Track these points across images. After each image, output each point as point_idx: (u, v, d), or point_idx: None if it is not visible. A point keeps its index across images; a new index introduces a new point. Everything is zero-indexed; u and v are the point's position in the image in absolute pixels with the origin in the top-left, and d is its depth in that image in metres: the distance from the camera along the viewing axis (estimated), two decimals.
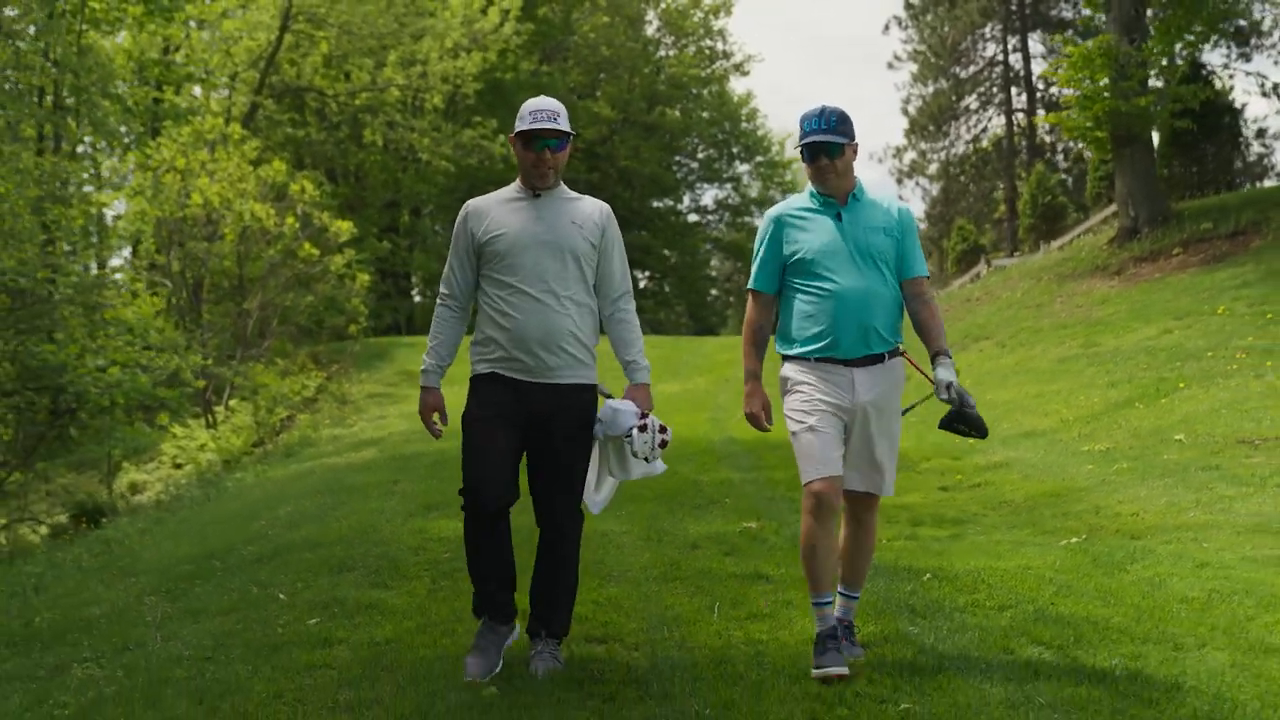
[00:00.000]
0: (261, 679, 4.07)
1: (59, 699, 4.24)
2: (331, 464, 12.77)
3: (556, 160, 4.10)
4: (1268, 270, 15.34)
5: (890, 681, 3.79)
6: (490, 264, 4.14)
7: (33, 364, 12.76)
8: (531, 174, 4.13)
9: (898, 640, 4.28)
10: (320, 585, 5.62)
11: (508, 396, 4.08)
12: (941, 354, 4.19)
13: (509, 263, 4.09)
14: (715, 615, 4.72)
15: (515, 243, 4.09)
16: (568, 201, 4.22)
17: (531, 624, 4.16)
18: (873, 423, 4.08)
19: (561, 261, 4.09)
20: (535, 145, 4.05)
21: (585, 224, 4.17)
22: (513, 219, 4.14)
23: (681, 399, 17.17)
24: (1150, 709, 3.51)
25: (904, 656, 4.08)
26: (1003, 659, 4.05)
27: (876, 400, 4.07)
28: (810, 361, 4.09)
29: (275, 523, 8.36)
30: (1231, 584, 4.95)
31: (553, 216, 4.15)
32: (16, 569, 8.61)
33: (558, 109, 4.12)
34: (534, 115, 4.08)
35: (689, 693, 3.70)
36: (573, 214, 4.18)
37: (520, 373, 4.07)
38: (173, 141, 18.75)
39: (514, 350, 4.05)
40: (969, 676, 3.82)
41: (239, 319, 19.11)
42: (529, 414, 4.07)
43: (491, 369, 4.11)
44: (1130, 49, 19.35)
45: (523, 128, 4.07)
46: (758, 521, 7.08)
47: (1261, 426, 8.63)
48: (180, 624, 5.31)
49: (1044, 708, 3.53)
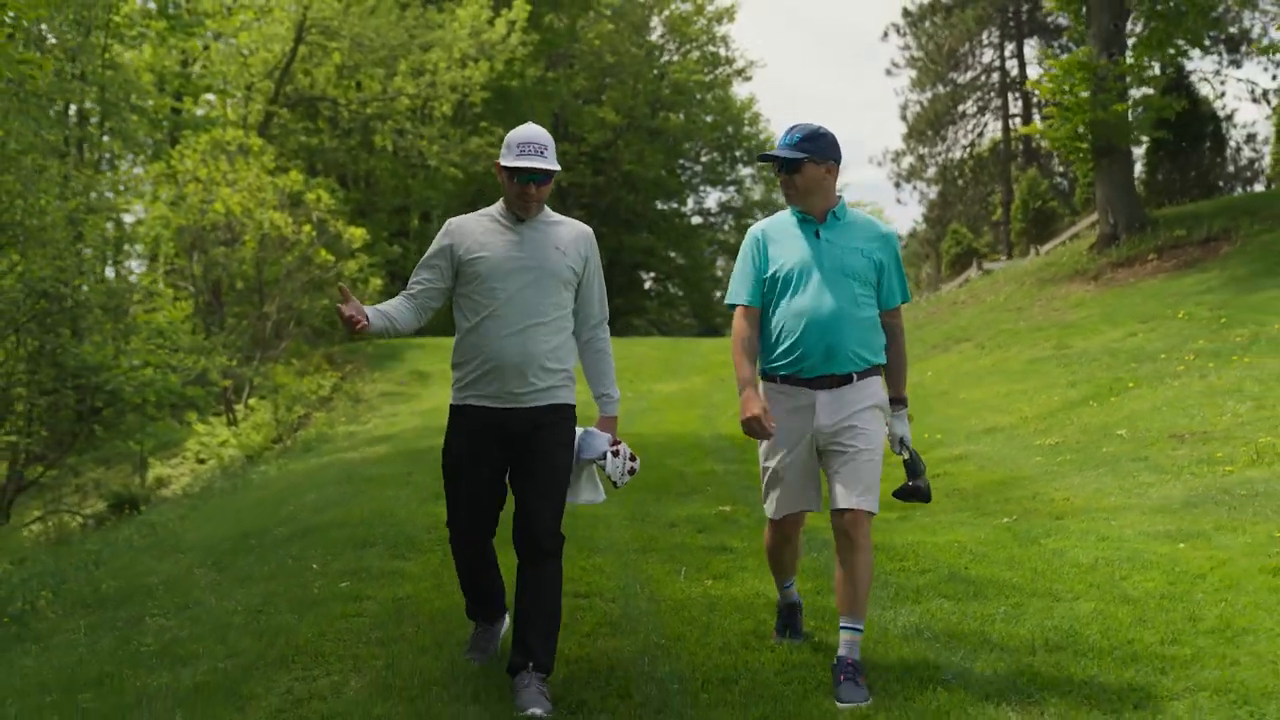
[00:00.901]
0: (307, 624, 5.00)
1: (141, 641, 5.17)
2: (348, 458, 13.71)
3: (541, 193, 4.11)
4: (1230, 276, 16.23)
5: (813, 621, 4.73)
6: (469, 285, 4.13)
7: (70, 364, 13.73)
8: (515, 204, 4.14)
9: (827, 592, 5.21)
10: (347, 557, 6.53)
11: (485, 427, 4.10)
12: (899, 403, 4.29)
13: (489, 286, 4.08)
14: (681, 577, 5.64)
15: (497, 267, 4.09)
16: (551, 226, 4.22)
17: (515, 658, 3.99)
18: (836, 444, 4.10)
19: (543, 287, 4.11)
20: (520, 179, 4.06)
21: (569, 250, 4.18)
22: (496, 242, 4.13)
23: (678, 397, 18.11)
24: (1010, 638, 4.44)
25: (829, 605, 5.01)
26: (911, 608, 4.97)
27: (840, 422, 4.09)
28: (776, 382, 4.18)
29: (302, 508, 9.29)
30: (1120, 552, 5.86)
31: (536, 241, 4.15)
32: (76, 547, 9.59)
33: (545, 142, 4.10)
34: (521, 149, 4.06)
35: (651, 629, 4.63)
36: (556, 239, 4.18)
37: (497, 399, 4.09)
38: (195, 152, 19.73)
39: (490, 376, 4.07)
40: (879, 618, 4.75)
41: (258, 322, 20.12)
42: (509, 438, 4.10)
43: (466, 400, 4.14)
44: (1108, 63, 20.24)
45: (508, 163, 4.05)
46: (732, 506, 7.98)
47: (1193, 422, 9.53)
48: (230, 588, 6.24)
49: (930, 638, 4.47)
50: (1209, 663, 4.07)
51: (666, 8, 49.03)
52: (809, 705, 3.81)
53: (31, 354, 14.24)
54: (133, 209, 22.53)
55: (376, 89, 29.94)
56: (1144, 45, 21.29)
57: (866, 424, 4.09)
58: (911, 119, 42.82)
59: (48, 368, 13.83)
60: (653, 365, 22.34)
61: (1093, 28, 21.06)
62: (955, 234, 33.17)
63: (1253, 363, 11.13)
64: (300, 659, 4.48)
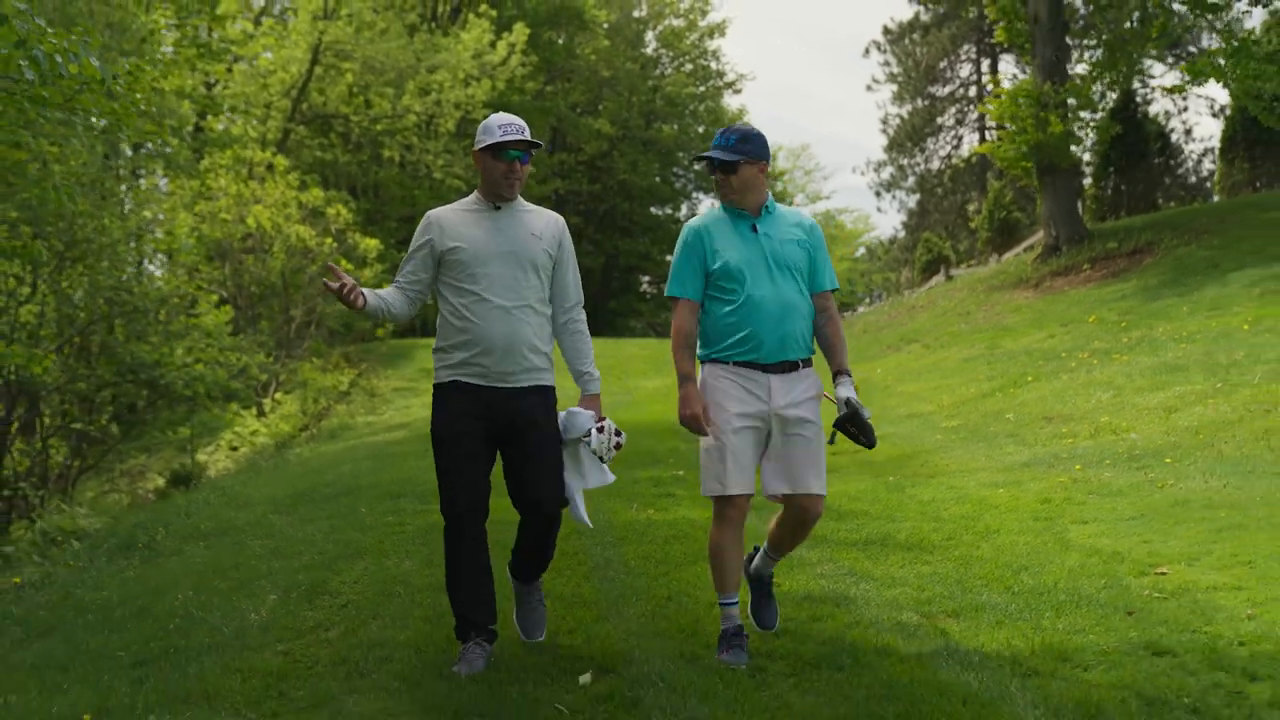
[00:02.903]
0: (367, 536, 7.19)
1: (250, 550, 7.36)
2: (371, 441, 15.93)
3: (523, 171, 4.31)
4: (1142, 286, 18.42)
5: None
6: (451, 272, 4.28)
7: (127, 360, 15.96)
8: (501, 185, 4.31)
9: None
10: (385, 506, 8.71)
11: (471, 405, 4.25)
12: (842, 372, 4.42)
13: (471, 272, 4.24)
14: (633, 509, 7.84)
15: (477, 254, 4.24)
16: (526, 213, 4.40)
17: (514, 569, 4.57)
18: (789, 426, 4.27)
19: (521, 272, 4.27)
20: (505, 155, 4.24)
21: (544, 236, 4.35)
22: (474, 230, 4.29)
23: (660, 391, 20.24)
24: (851, 539, 6.64)
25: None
26: None
27: (791, 404, 4.28)
28: (730, 365, 4.30)
29: (340, 476, 11.48)
30: (953, 495, 8.05)
31: (513, 228, 4.32)
32: (169, 502, 11.83)
33: (522, 123, 4.30)
34: (504, 129, 4.25)
35: (606, 535, 6.83)
36: (531, 226, 4.36)
37: (482, 378, 4.24)
38: (227, 171, 21.97)
39: (476, 357, 4.23)
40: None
41: (283, 324, 22.37)
42: (494, 419, 4.26)
43: (453, 377, 4.28)
44: (1050, 89, 22.44)
45: (492, 140, 4.24)
46: (684, 471, 10.14)
47: (1064, 408, 11.73)
48: (301, 524, 8.41)
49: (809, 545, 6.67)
50: (964, 548, 6.26)
51: (660, 23, 51.31)
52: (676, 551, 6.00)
53: (93, 352, 16.50)
54: (155, 216, 24.69)
55: (386, 107, 32.11)
56: (1092, 71, 23.60)
57: (814, 414, 4.33)
58: (892, 131, 44.98)
59: (108, 363, 16.03)
60: (639, 363, 24.53)
61: (1037, 58, 23.26)
62: (926, 242, 35.32)
63: (1129, 360, 13.32)
64: (368, 554, 6.67)
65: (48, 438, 16.71)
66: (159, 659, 4.54)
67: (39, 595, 7.08)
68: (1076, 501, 7.32)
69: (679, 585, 5.45)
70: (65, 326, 16.20)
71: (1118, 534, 6.27)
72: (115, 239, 15.73)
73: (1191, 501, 6.79)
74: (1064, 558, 5.78)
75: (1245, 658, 3.94)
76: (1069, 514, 6.93)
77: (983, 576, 5.51)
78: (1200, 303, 15.88)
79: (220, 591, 6.00)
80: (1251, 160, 28.84)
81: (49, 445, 16.86)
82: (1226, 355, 12.00)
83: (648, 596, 5.22)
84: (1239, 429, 8.88)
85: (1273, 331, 12.71)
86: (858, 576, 5.64)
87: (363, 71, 31.37)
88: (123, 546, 8.70)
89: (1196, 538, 5.90)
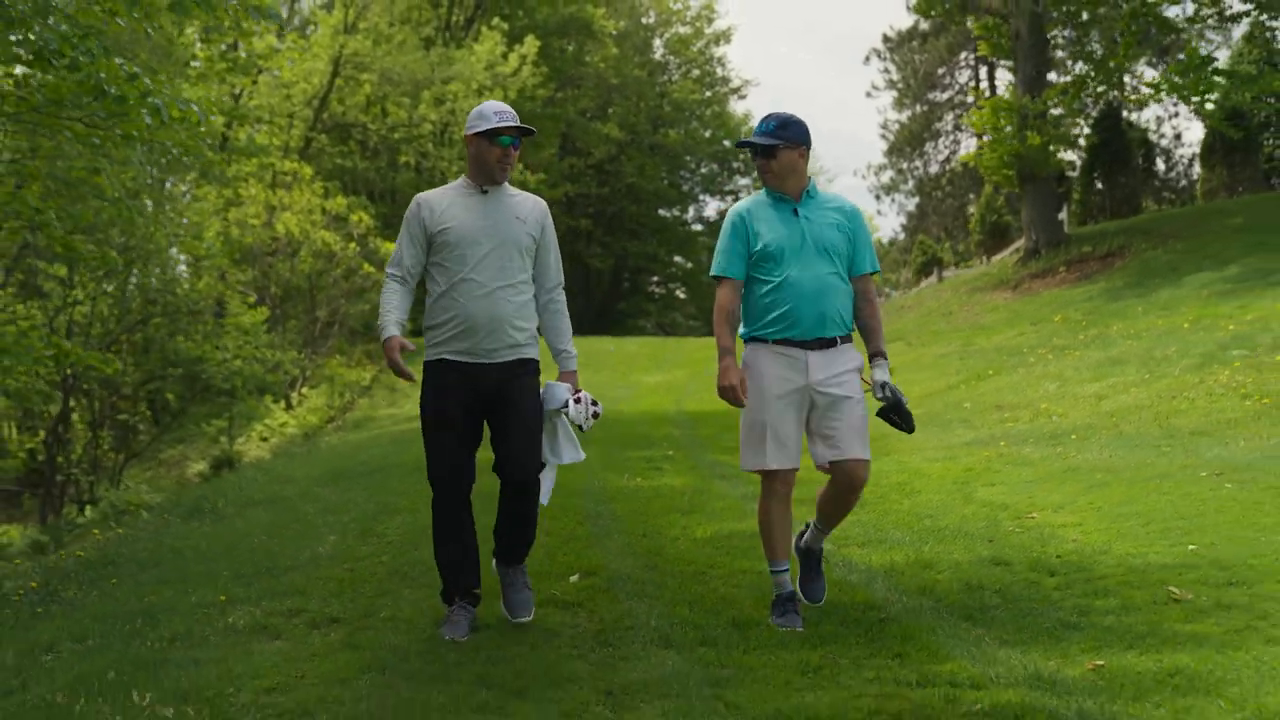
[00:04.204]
0: (401, 500, 8.65)
1: (303, 511, 8.83)
2: (393, 430, 17.43)
3: (515, 156, 4.52)
4: (1108, 287, 19.82)
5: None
6: (440, 253, 4.46)
7: (173, 356, 17.52)
8: (494, 169, 4.49)
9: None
10: (413, 478, 10.07)
11: (458, 380, 4.45)
12: (879, 355, 4.62)
13: (459, 253, 4.42)
14: (624, 479, 9.30)
15: (465, 235, 4.42)
16: (511, 198, 4.59)
17: (498, 553, 4.70)
18: (829, 398, 4.41)
19: (506, 254, 4.46)
20: (500, 141, 4.43)
21: (528, 219, 4.54)
22: (463, 213, 4.47)
23: (660, 386, 21.70)
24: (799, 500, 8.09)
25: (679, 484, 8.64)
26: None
27: (830, 379, 4.41)
28: (769, 344, 4.46)
29: (370, 458, 12.98)
30: (896, 466, 9.48)
31: (499, 212, 4.50)
32: (219, 480, 13.37)
33: (514, 111, 4.53)
34: (499, 115, 4.47)
35: (600, 496, 8.29)
36: (516, 209, 4.55)
37: (469, 355, 4.43)
38: (258, 181, 23.54)
39: (464, 334, 4.41)
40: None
41: (309, 323, 23.95)
42: (480, 392, 4.46)
43: (440, 355, 4.49)
44: (1030, 102, 23.86)
45: (488, 126, 4.44)
46: (674, 451, 11.61)
47: (1015, 398, 13.14)
48: (341, 494, 9.88)
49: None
50: (888, 504, 7.69)
51: (668, 30, 52.85)
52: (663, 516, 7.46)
53: (139, 349, 18.06)
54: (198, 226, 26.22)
55: (403, 116, 33.66)
56: (1071, 86, 25.02)
57: (854, 384, 4.47)
58: (891, 137, 46.37)
59: (156, 358, 17.60)
60: (643, 360, 26.02)
61: (1019, 73, 24.68)
62: (922, 244, 36.69)
63: (1080, 355, 14.73)
64: (403, 511, 8.12)
65: (98, 428, 18.27)
66: (256, 576, 6.01)
67: (133, 546, 8.58)
68: (993, 470, 8.76)
69: (652, 527, 6.90)
70: (115, 325, 17.76)
71: (1013, 492, 7.70)
72: (161, 245, 17.28)
73: (1080, 469, 8.22)
74: (963, 509, 7.23)
75: (1055, 564, 5.38)
76: (982, 479, 8.37)
77: (894, 522, 6.95)
78: (1155, 303, 17.30)
79: (288, 537, 7.47)
80: (1230, 166, 30.19)
81: (98, 435, 18.42)
82: (1162, 350, 13.41)
83: (627, 533, 6.68)
84: (1145, 412, 10.31)
85: (1207, 330, 14.11)
86: (796, 523, 7.08)
87: (380, 82, 32.92)
88: (191, 512, 10.20)
89: (1070, 493, 7.34)
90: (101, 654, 4.52)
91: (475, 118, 4.51)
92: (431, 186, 25.75)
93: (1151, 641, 4.00)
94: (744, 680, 3.70)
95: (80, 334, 16.80)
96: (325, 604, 5.10)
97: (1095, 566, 5.26)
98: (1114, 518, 6.42)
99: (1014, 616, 4.49)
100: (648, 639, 4.23)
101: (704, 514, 7.42)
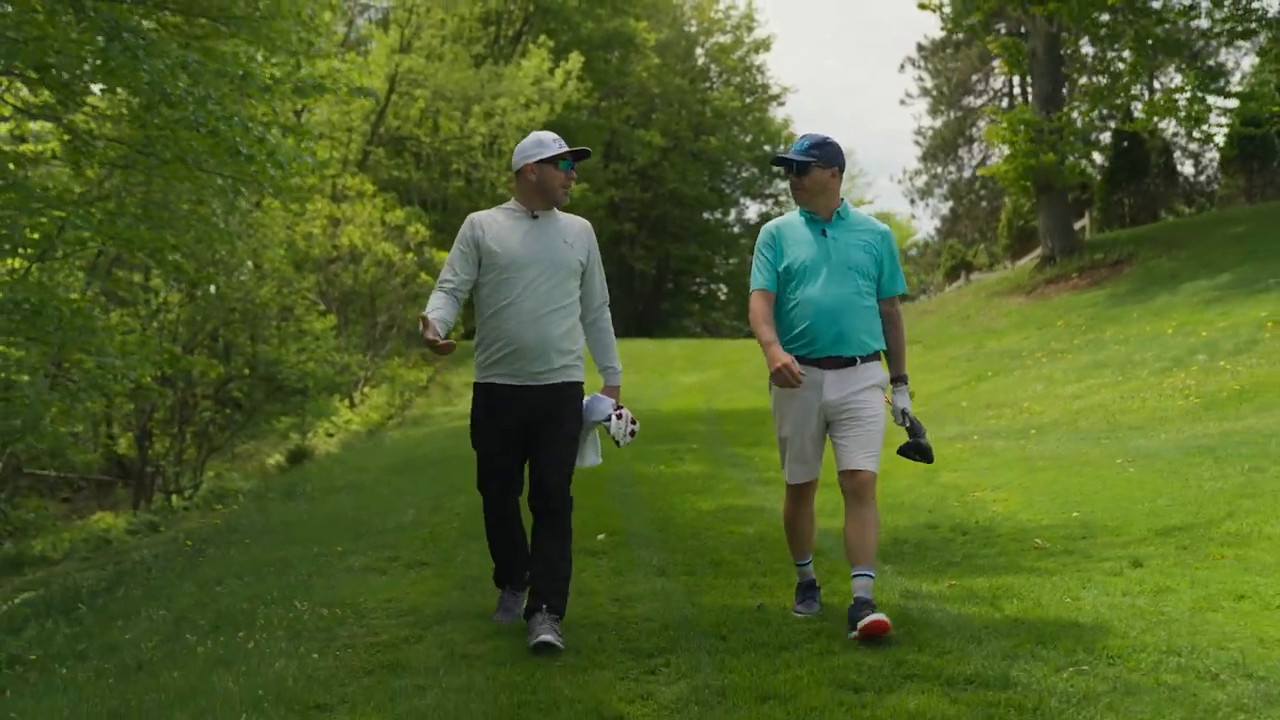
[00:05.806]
0: (466, 484, 10.39)
1: (381, 493, 10.58)
2: (451, 426, 19.22)
3: (573, 178, 4.69)
4: (1113, 294, 21.20)
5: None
6: (490, 275, 4.55)
7: (254, 358, 19.45)
8: (558, 192, 4.63)
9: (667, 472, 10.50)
10: (470, 469, 11.89)
11: (502, 401, 4.56)
12: (900, 380, 4.78)
13: (508, 276, 4.51)
14: (651, 467, 10.96)
15: (516, 259, 4.52)
16: (558, 221, 4.68)
17: (531, 603, 4.49)
18: (843, 414, 4.55)
19: (556, 276, 4.55)
20: (562, 165, 4.60)
21: (575, 243, 4.65)
22: (514, 236, 4.57)
23: (695, 385, 23.35)
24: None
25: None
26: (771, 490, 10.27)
27: (845, 397, 4.53)
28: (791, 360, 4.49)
29: (432, 450, 14.77)
30: (885, 459, 11.06)
31: (548, 235, 4.61)
32: (298, 471, 15.26)
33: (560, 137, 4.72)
34: (557, 143, 4.63)
35: (626, 479, 9.98)
36: (564, 233, 4.65)
37: (517, 377, 4.53)
38: (323, 197, 25.50)
39: (511, 357, 4.51)
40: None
41: (370, 327, 25.90)
42: (527, 411, 4.56)
43: (488, 378, 4.60)
44: (1045, 118, 25.24)
45: (550, 154, 4.58)
46: (697, 445, 13.26)
47: (1007, 397, 14.66)
48: (411, 480, 11.66)
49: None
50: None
51: (709, 39, 54.49)
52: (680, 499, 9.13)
53: (221, 352, 20.02)
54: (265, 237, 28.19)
55: (454, 129, 35.58)
56: (1093, 97, 26.41)
57: (869, 399, 4.56)
58: (926, 143, 47.67)
59: (238, 359, 19.54)
60: (681, 361, 27.69)
61: (1035, 89, 26.07)
62: (951, 248, 38.05)
63: (1071, 359, 16.21)
64: (468, 492, 9.75)
65: (184, 424, 20.26)
66: (357, 537, 7.76)
67: (249, 519, 10.41)
68: (961, 459, 10.34)
69: (670, 502, 8.58)
70: (199, 330, 19.72)
71: (969, 477, 9.29)
72: (241, 259, 19.21)
73: (1031, 458, 9.79)
74: (923, 489, 8.84)
75: (971, 527, 7.00)
76: (949, 467, 9.96)
77: None
78: (1150, 309, 18.69)
79: (374, 511, 9.23)
80: (1248, 174, 31.34)
81: (184, 430, 20.41)
82: (1141, 355, 14.88)
83: (646, 507, 8.36)
84: (1103, 410, 11.84)
85: (1189, 335, 15.54)
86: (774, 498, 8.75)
87: (433, 98, 34.86)
88: (285, 495, 12.05)
89: (1011, 477, 8.93)
90: (260, 583, 6.29)
91: (535, 145, 4.63)
92: (481, 195, 27.86)
93: (999, 572, 5.64)
94: (709, 591, 5.37)
95: (169, 338, 18.73)
96: (415, 553, 6.83)
97: (997, 528, 6.89)
98: (1033, 494, 8.02)
99: (917, 558, 6.13)
100: (648, 570, 5.92)
101: (712, 493, 9.09)
